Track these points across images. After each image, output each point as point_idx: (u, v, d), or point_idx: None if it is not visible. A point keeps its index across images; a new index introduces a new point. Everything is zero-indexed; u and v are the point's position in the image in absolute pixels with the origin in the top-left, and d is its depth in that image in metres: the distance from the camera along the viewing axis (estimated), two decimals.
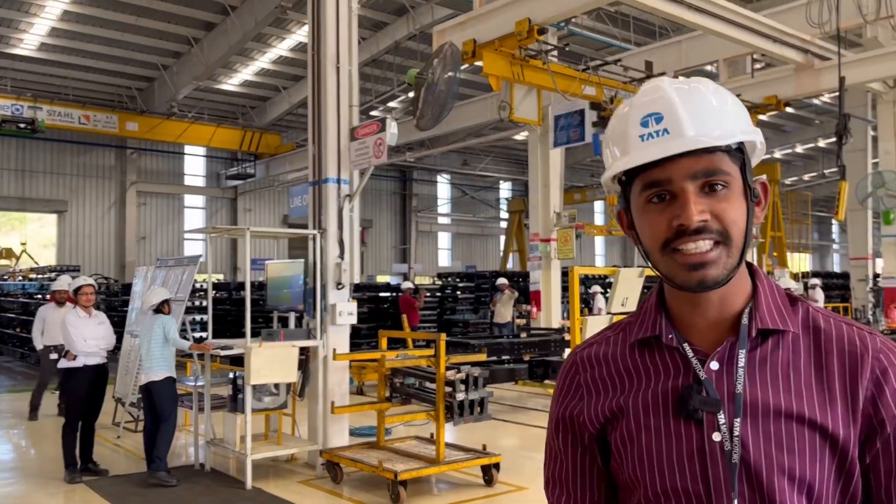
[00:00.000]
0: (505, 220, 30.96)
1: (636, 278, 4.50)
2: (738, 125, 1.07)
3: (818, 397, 1.05)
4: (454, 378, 6.33)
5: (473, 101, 19.17)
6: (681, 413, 1.07)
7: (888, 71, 12.24)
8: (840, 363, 1.06)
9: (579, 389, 1.20)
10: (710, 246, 1.04)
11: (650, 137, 1.05)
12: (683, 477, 1.06)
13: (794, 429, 1.04)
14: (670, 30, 18.36)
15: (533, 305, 15.44)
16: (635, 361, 1.15)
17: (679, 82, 1.10)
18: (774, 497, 1.02)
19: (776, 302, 1.11)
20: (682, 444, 1.07)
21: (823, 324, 1.10)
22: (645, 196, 1.07)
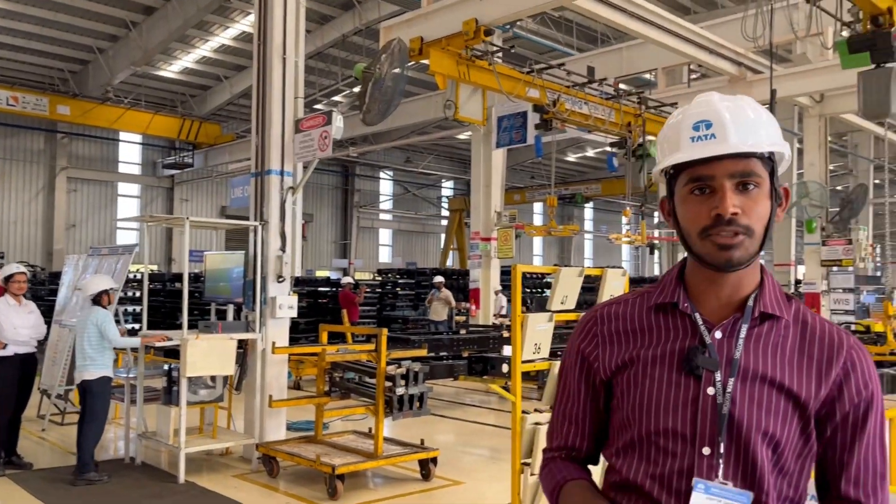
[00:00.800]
0: (446, 218, 31.13)
1: (576, 277, 4.62)
2: (771, 137, 1.30)
3: (797, 373, 1.29)
4: (395, 373, 6.37)
5: (418, 98, 19.21)
6: (684, 368, 1.30)
7: (815, 86, 12.82)
8: (820, 350, 1.31)
9: (595, 338, 1.43)
10: (739, 235, 1.26)
11: (700, 140, 1.28)
12: (675, 420, 1.29)
13: (774, 394, 1.28)
14: (611, 37, 18.76)
15: (472, 303, 15.60)
16: (650, 322, 1.38)
17: (725, 98, 1.33)
18: (749, 445, 1.26)
19: (776, 295, 1.35)
20: (679, 393, 1.30)
21: (810, 319, 1.35)
22: (689, 188, 1.30)
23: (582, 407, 1.45)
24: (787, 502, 1.30)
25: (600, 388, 1.42)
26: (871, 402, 1.30)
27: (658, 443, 1.30)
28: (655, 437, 1.31)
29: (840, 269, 14.36)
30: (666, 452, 1.30)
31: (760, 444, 1.26)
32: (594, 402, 1.43)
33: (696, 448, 1.28)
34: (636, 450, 1.33)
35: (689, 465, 1.28)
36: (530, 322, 4.51)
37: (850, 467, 1.30)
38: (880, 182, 24.62)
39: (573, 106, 11.14)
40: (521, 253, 32.63)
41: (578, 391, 1.45)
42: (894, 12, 7.30)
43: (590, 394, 1.43)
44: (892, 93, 7.33)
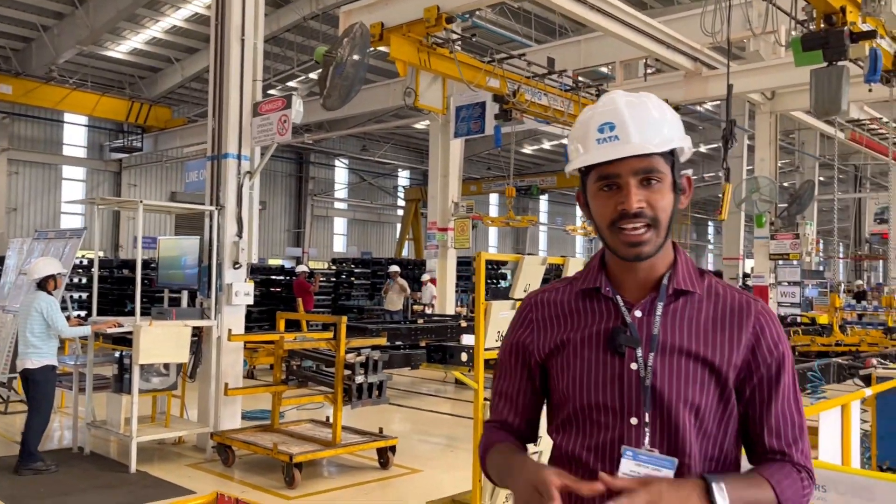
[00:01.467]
0: (402, 207, 31.00)
1: (539, 266, 4.63)
2: (673, 134, 1.39)
3: (711, 342, 1.38)
4: (354, 361, 6.31)
5: (375, 86, 19.02)
6: (609, 347, 1.40)
7: (767, 83, 13.10)
8: (731, 319, 1.40)
9: (531, 325, 1.53)
10: (644, 229, 1.36)
11: (605, 141, 1.37)
12: (605, 395, 1.39)
13: (692, 364, 1.37)
14: (569, 29, 18.87)
15: None
16: (578, 306, 1.48)
17: (630, 96, 1.41)
18: (671, 413, 1.36)
19: (689, 271, 1.45)
20: (606, 370, 1.40)
21: (721, 290, 1.44)
22: (598, 185, 1.40)
23: (516, 386, 1.55)
24: (711, 462, 1.39)
25: (536, 369, 1.51)
26: (782, 361, 1.40)
27: (591, 417, 1.41)
28: (588, 411, 1.41)
29: (786, 263, 14.74)
30: (598, 425, 1.40)
31: (682, 411, 1.36)
32: (530, 382, 1.53)
33: (624, 419, 1.38)
34: (573, 424, 1.44)
35: (619, 436, 1.38)
36: (493, 310, 4.50)
37: (769, 422, 1.39)
38: (825, 179, 25.40)
39: (533, 97, 11.18)
40: (477, 243, 32.73)
41: (514, 371, 1.55)
42: (847, 11, 7.47)
43: (525, 374, 1.53)
44: (843, 90, 7.51)
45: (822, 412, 3.28)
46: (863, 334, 10.67)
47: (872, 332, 10.80)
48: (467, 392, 11.34)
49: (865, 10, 7.17)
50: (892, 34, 8.40)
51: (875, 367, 4.77)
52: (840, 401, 3.43)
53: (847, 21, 7.53)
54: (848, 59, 7.69)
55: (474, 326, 4.50)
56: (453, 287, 15.90)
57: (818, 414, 3.28)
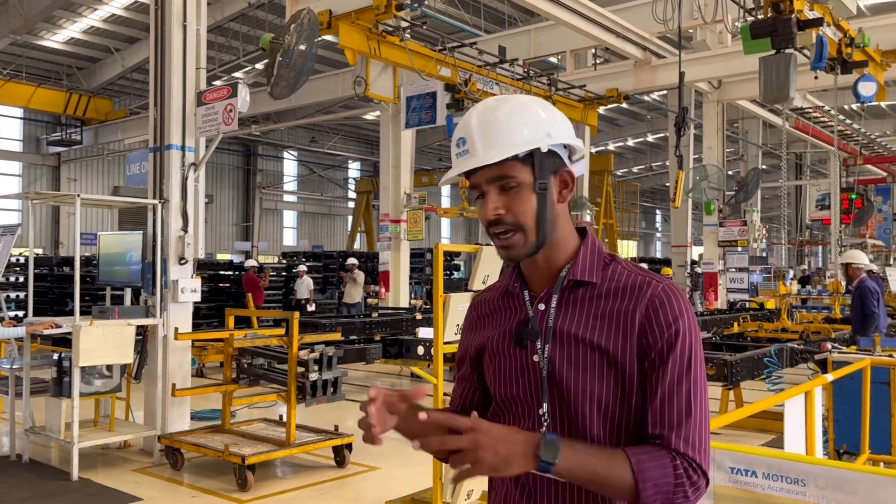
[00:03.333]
0: (353, 199, 30.68)
1: (496, 257, 4.50)
2: (530, 136, 1.39)
3: (607, 331, 1.38)
4: (307, 358, 6.12)
5: (323, 76, 18.67)
6: (516, 342, 1.46)
7: (714, 72, 13.28)
8: (627, 305, 1.39)
9: (469, 323, 1.62)
10: (511, 233, 1.40)
11: (460, 156, 1.44)
12: (516, 387, 1.46)
13: (588, 354, 1.39)
14: (518, 20, 18.84)
15: (382, 286, 15.38)
16: (500, 304, 1.55)
17: (490, 103, 1.44)
18: (569, 402, 1.39)
19: (592, 261, 1.45)
20: (516, 364, 1.46)
21: (623, 276, 1.43)
22: (474, 195, 1.46)
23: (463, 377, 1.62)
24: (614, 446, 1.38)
25: (472, 365, 1.58)
26: (673, 341, 1.35)
27: (510, 408, 1.48)
28: (507, 403, 1.48)
29: (734, 250, 15.00)
30: (515, 416, 1.47)
31: (580, 400, 1.38)
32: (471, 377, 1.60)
33: (533, 410, 1.43)
34: (498, 416, 1.50)
35: (531, 425, 1.43)
36: (452, 302, 4.38)
37: (654, 405, 1.35)
38: (767, 167, 26.00)
39: (484, 86, 11.07)
40: (430, 235, 32.61)
41: (461, 364, 1.63)
42: (794, 0, 7.55)
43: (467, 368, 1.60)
44: (791, 78, 7.60)
45: (788, 400, 3.25)
46: (810, 318, 10.92)
47: (818, 317, 11.05)
48: (425, 386, 11.23)
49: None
50: (837, 22, 8.52)
51: (830, 352, 4.82)
52: (804, 387, 3.41)
53: (794, 9, 7.61)
54: (795, 48, 7.78)
55: (432, 319, 4.39)
56: (407, 279, 15.76)
57: (784, 402, 3.25)
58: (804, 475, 2.03)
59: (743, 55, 10.50)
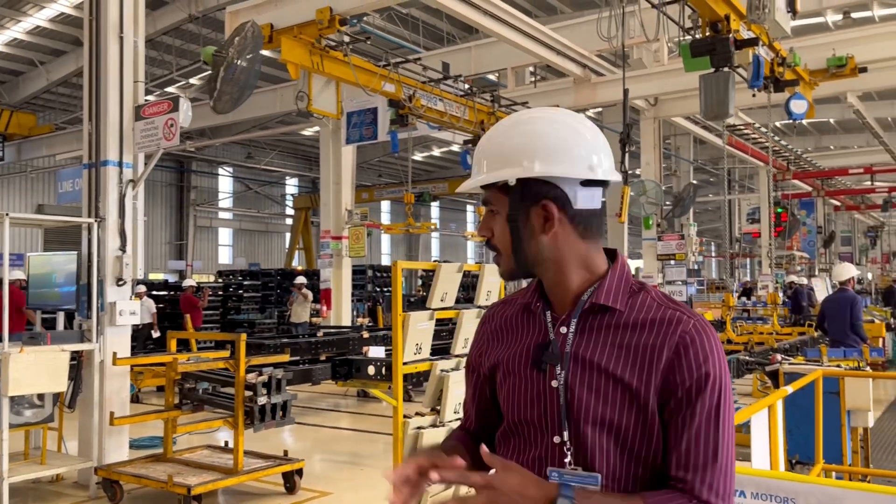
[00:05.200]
0: (291, 216, 30.19)
1: (455, 273, 4.45)
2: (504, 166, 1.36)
3: (632, 363, 1.31)
4: (255, 381, 5.91)
5: (261, 91, 18.35)
6: (533, 363, 1.39)
7: (652, 89, 13.60)
8: (655, 339, 1.32)
9: (482, 337, 1.55)
10: (497, 255, 1.43)
11: (473, 176, 1.43)
12: (532, 412, 1.38)
13: (609, 384, 1.32)
14: (457, 37, 18.94)
15: (323, 304, 15.12)
16: (519, 321, 1.48)
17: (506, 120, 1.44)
18: (586, 431, 1.32)
19: (619, 287, 1.38)
20: (532, 388, 1.38)
21: (653, 308, 1.36)
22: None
23: (472, 395, 1.58)
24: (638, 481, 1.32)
25: (485, 381, 1.52)
26: (704, 383, 1.29)
27: (522, 432, 1.40)
28: (519, 427, 1.41)
29: (675, 263, 15.34)
30: (528, 441, 1.39)
31: (597, 430, 1.32)
32: (482, 392, 1.54)
33: (547, 437, 1.36)
34: (509, 438, 1.44)
35: (544, 454, 1.36)
36: (412, 321, 4.28)
37: (679, 448, 1.29)
38: (698, 182, 26.76)
39: (429, 102, 11.04)
40: (371, 251, 32.39)
41: (470, 382, 1.58)
42: (731, 19, 7.78)
43: (477, 385, 1.55)
44: (730, 95, 7.81)
45: (753, 416, 3.26)
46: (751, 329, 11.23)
47: (761, 328, 11.36)
48: (369, 405, 11.03)
49: (750, 18, 7.47)
50: (772, 42, 8.82)
51: (780, 363, 4.90)
52: (766, 402, 3.43)
53: (731, 29, 7.84)
54: (732, 66, 8.00)
55: (380, 338, 4.28)
56: (349, 297, 15.55)
57: (749, 417, 3.26)
58: (794, 494, 2.01)
59: (678, 73, 10.81)
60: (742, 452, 6.00)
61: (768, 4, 7.24)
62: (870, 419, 4.98)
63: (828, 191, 26.37)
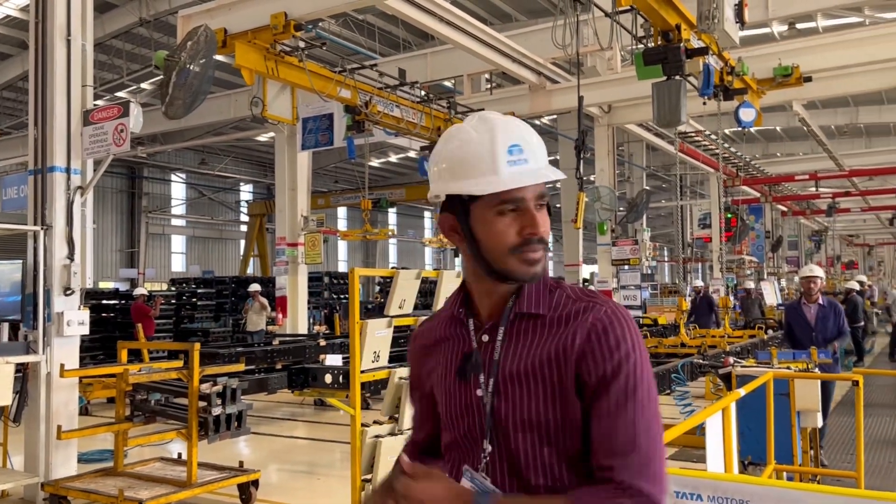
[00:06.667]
0: (246, 223, 29.80)
1: (413, 280, 4.44)
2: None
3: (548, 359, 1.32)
4: (209, 391, 5.80)
5: (215, 97, 18.10)
6: (458, 375, 1.39)
7: (605, 97, 13.79)
8: (568, 331, 1.33)
9: (414, 355, 1.54)
10: (541, 252, 1.36)
11: (514, 164, 1.33)
12: (463, 424, 1.38)
13: (534, 386, 1.32)
14: (413, 43, 18.96)
15: (279, 312, 14.93)
16: (445, 333, 1.46)
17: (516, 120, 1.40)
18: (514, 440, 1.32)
19: (538, 291, 1.39)
20: (461, 400, 1.39)
21: (568, 303, 1.37)
22: (499, 208, 1.34)
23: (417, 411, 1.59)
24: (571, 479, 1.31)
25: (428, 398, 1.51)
26: (618, 368, 1.28)
27: (460, 443, 1.41)
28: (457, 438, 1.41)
29: (629, 268, 15.57)
30: (464, 451, 1.40)
31: (525, 433, 1.32)
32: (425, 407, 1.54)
33: (478, 445, 1.36)
34: (450, 450, 1.45)
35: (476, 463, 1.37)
36: (369, 329, 4.25)
37: (600, 436, 1.28)
38: (650, 188, 27.22)
39: (385, 108, 11.02)
40: (327, 258, 32.14)
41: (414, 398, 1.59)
42: (682, 29, 7.93)
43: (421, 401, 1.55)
44: (682, 103, 7.95)
45: (707, 419, 3.31)
46: (704, 332, 11.45)
47: (712, 332, 11.59)
48: (327, 414, 10.91)
49: (700, 28, 7.63)
50: (721, 52, 9.02)
51: (733, 366, 5.00)
52: (720, 405, 3.49)
53: (682, 38, 8.00)
54: (684, 74, 8.16)
55: (337, 346, 4.24)
56: (305, 304, 15.39)
57: (704, 421, 3.31)
58: (749, 496, 2.04)
59: (632, 81, 10.97)
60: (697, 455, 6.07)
61: (717, 15, 7.41)
62: (818, 420, 5.11)
63: (775, 196, 27.07)
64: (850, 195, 26.28)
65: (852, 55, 12.36)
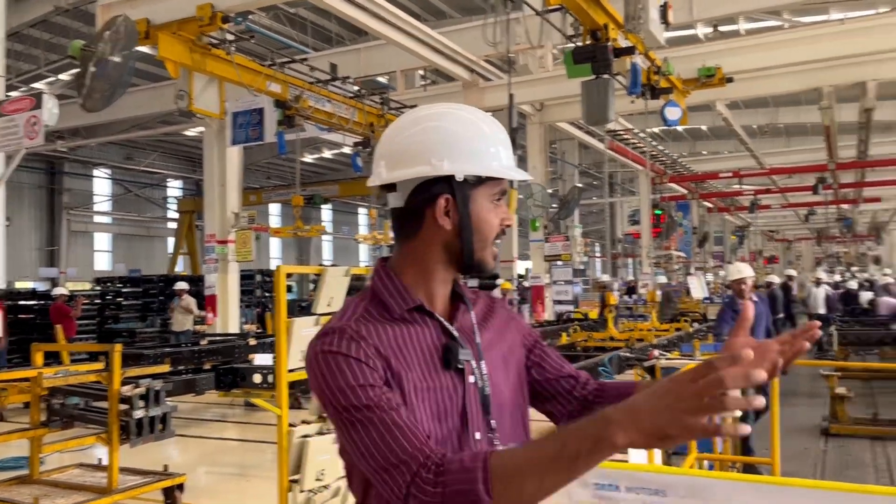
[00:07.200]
0: (174, 220, 29.01)
1: (342, 277, 4.38)
2: None
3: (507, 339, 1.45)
4: (131, 394, 5.60)
5: (140, 89, 17.54)
6: (448, 367, 1.32)
7: (537, 95, 13.96)
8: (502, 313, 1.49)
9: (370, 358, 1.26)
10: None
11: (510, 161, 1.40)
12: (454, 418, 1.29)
13: (508, 364, 1.42)
14: (346, 38, 18.79)
15: (209, 311, 14.59)
16: (401, 332, 1.33)
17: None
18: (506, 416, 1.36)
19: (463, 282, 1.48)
20: (446, 391, 1.30)
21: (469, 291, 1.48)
22: (496, 196, 1.37)
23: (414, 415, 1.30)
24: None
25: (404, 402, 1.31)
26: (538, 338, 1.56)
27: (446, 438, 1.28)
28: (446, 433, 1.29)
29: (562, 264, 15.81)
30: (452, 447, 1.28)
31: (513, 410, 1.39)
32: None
33: (469, 436, 1.30)
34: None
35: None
36: (296, 327, 4.17)
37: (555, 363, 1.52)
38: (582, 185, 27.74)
39: (317, 103, 10.87)
40: (260, 256, 31.59)
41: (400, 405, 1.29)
42: (610, 28, 8.08)
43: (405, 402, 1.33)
44: (609, 101, 8.11)
45: None
46: (633, 326, 11.73)
47: (640, 326, 11.88)
48: (258, 414, 10.69)
49: (627, 28, 7.79)
50: (647, 52, 9.23)
51: (658, 359, 5.12)
52: None
53: (610, 37, 8.15)
54: (612, 73, 8.32)
55: (268, 344, 4.16)
56: (237, 303, 15.07)
57: None
58: (664, 486, 2.08)
59: (563, 79, 11.12)
60: None
61: (643, 15, 7.58)
62: None
63: (701, 193, 27.93)
64: (770, 192, 27.32)
65: (772, 57, 12.86)
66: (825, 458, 7.55)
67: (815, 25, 14.12)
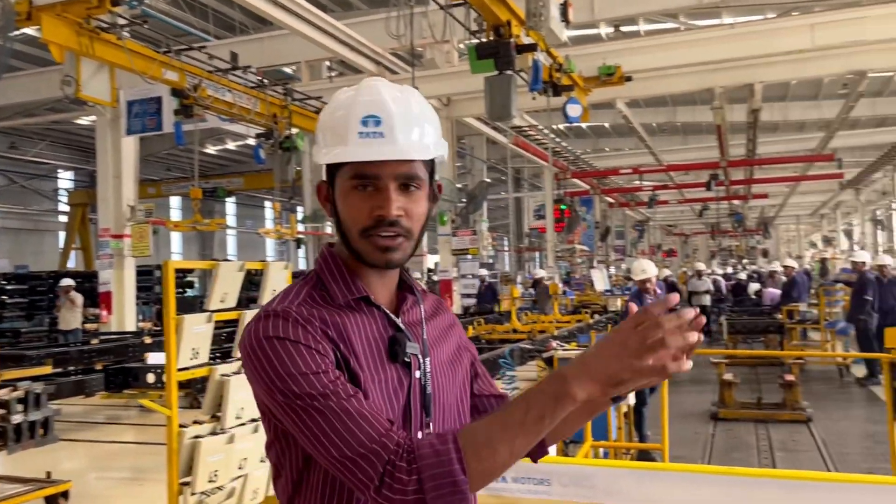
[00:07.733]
0: (65, 213, 27.55)
1: (236, 273, 4.26)
2: (435, 139, 1.30)
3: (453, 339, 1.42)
4: (9, 398, 5.27)
5: (24, 74, 16.52)
6: (394, 360, 1.27)
7: (444, 89, 14.01)
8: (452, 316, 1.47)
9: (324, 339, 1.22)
10: (400, 238, 1.27)
11: (367, 136, 1.23)
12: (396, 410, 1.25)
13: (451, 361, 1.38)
14: (250, 27, 18.29)
15: (103, 308, 13.93)
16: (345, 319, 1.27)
17: (394, 88, 1.29)
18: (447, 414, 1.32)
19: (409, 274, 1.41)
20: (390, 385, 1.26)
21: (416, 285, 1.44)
22: (353, 183, 1.26)
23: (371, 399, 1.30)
24: None
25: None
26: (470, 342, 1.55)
27: None
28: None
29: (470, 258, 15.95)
30: None
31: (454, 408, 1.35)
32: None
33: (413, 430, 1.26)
34: None
35: None
36: (186, 324, 4.02)
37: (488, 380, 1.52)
38: (490, 180, 28.09)
39: (216, 93, 10.53)
40: (160, 251, 30.38)
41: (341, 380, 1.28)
42: (512, 25, 8.18)
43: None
44: (512, 97, 8.21)
45: None
46: (536, 318, 11.97)
47: (542, 318, 12.15)
48: (154, 415, 10.27)
49: (528, 25, 7.90)
50: (549, 49, 9.40)
51: (556, 350, 5.23)
52: None
53: (513, 34, 8.25)
54: (515, 70, 8.42)
55: (164, 343, 3.99)
56: (133, 300, 14.46)
57: None
58: (548, 475, 2.11)
59: (469, 75, 11.20)
60: None
61: (544, 13, 7.70)
62: (630, 398, 5.45)
63: (603, 189, 28.77)
64: (668, 188, 28.42)
65: (669, 58, 13.37)
66: (713, 441, 7.92)
67: (709, 29, 14.76)
